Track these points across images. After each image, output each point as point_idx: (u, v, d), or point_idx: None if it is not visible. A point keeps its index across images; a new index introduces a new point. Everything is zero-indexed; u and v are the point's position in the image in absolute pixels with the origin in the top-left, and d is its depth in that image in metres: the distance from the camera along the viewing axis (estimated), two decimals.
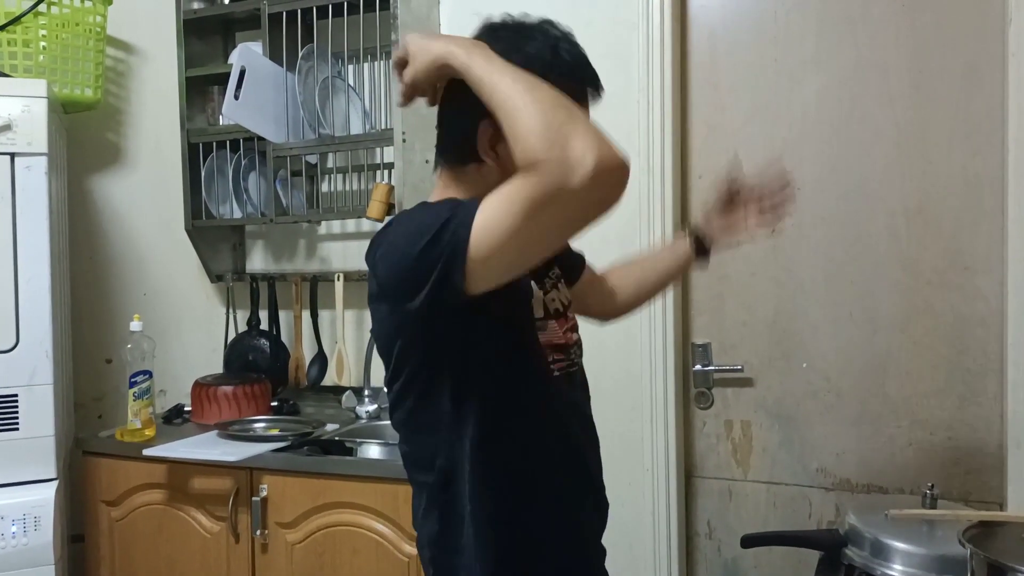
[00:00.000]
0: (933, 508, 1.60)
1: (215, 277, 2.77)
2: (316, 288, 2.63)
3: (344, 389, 2.58)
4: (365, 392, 2.51)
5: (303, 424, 2.36)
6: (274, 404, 2.57)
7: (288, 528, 2.08)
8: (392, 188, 2.34)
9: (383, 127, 2.48)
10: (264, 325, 2.72)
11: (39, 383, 2.13)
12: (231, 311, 2.75)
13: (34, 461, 2.13)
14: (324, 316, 2.65)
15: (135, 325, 2.28)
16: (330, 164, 2.63)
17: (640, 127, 2.21)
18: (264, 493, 2.09)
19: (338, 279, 2.55)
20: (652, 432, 2.22)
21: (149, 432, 2.28)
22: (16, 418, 2.11)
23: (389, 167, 2.46)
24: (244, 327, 2.74)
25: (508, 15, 1.18)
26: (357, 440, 2.32)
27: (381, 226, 1.22)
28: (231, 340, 2.74)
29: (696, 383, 2.28)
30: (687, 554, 2.30)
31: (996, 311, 1.99)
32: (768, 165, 1.51)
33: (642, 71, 2.21)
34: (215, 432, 2.29)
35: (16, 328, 2.11)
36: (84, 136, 2.83)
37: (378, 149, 2.51)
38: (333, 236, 2.71)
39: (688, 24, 2.27)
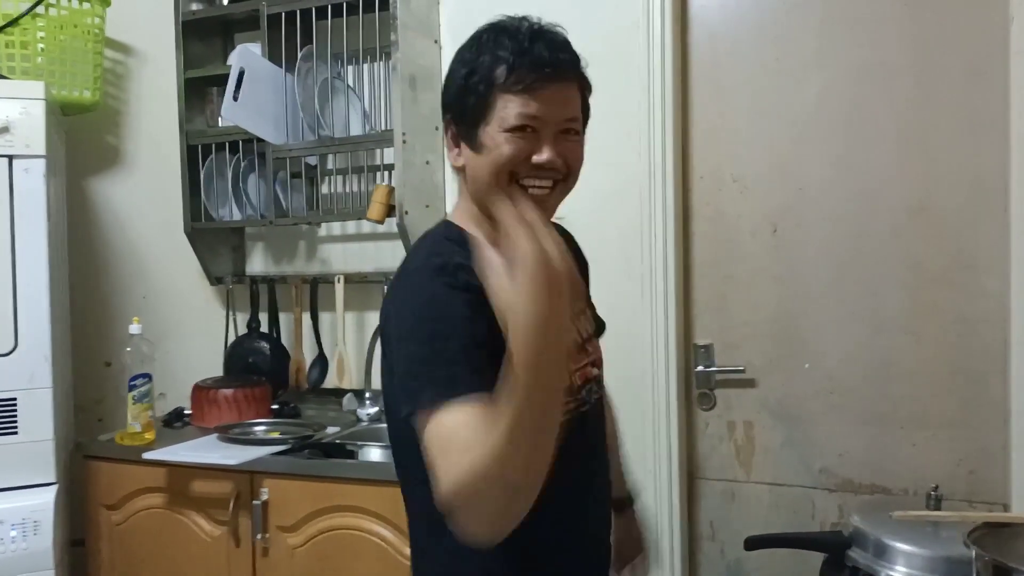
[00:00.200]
0: (937, 509, 1.59)
1: (215, 279, 2.76)
2: (316, 290, 2.62)
3: (345, 392, 2.57)
4: (366, 395, 2.50)
5: (304, 427, 2.36)
6: (275, 407, 2.56)
7: (289, 532, 2.08)
8: (392, 189, 2.33)
9: (383, 128, 2.47)
10: (264, 328, 2.71)
11: (38, 386, 2.12)
12: (231, 313, 2.74)
13: (33, 465, 2.12)
14: (324, 318, 2.64)
15: (134, 328, 2.27)
16: (330, 165, 2.62)
17: (641, 128, 2.21)
18: (265, 497, 2.08)
19: (338, 281, 2.54)
20: (654, 433, 2.22)
21: (149, 435, 2.27)
22: (15, 422, 2.10)
23: (389, 168, 2.45)
24: (244, 330, 2.73)
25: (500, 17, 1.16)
26: (358, 443, 2.32)
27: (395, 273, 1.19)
28: (231, 343, 2.73)
29: (698, 384, 2.27)
30: (690, 555, 2.29)
31: (1000, 310, 1.99)
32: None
33: (643, 72, 2.21)
34: (215, 435, 2.28)
35: (15, 331, 2.10)
36: (83, 138, 2.82)
37: (378, 150, 2.50)
38: (333, 238, 2.71)
39: (689, 25, 2.26)
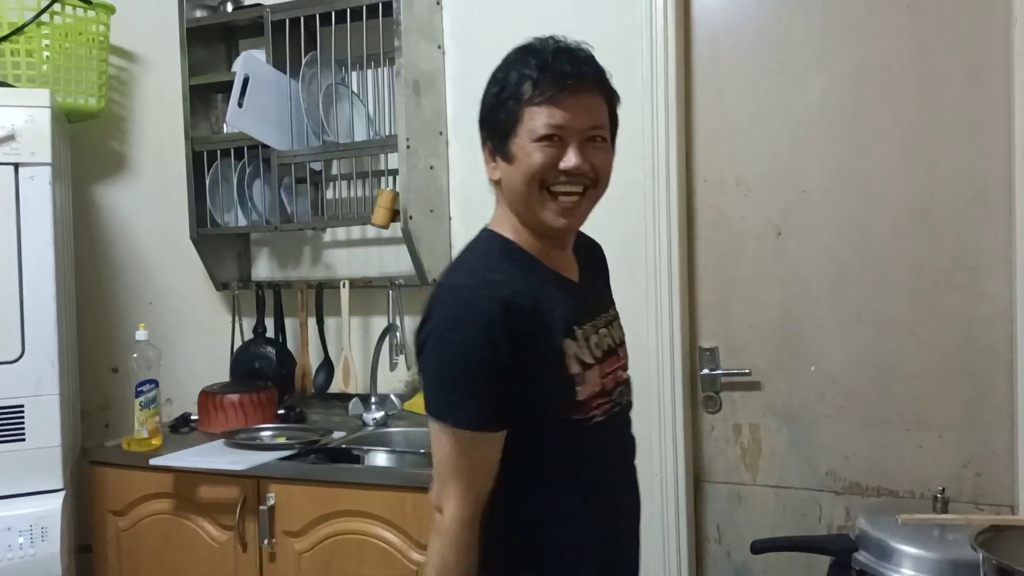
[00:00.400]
0: (944, 511, 1.59)
1: (220, 285, 2.77)
2: (322, 295, 2.63)
3: (351, 396, 2.57)
4: (372, 399, 2.50)
5: (310, 432, 2.36)
6: (281, 412, 2.56)
7: (295, 537, 2.08)
8: (397, 194, 2.34)
9: (387, 133, 2.48)
10: (270, 333, 2.72)
11: (45, 393, 2.13)
12: (237, 319, 2.75)
13: (41, 472, 2.13)
14: (330, 323, 2.65)
15: (141, 334, 2.28)
16: (334, 171, 2.63)
17: (645, 131, 2.21)
18: (271, 502, 2.08)
19: (343, 286, 2.55)
20: (660, 436, 2.22)
21: (156, 441, 2.28)
22: (22, 429, 2.10)
23: (393, 173, 2.46)
24: (250, 335, 2.74)
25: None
26: (364, 448, 2.32)
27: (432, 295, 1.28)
28: (237, 348, 2.74)
29: (704, 387, 2.27)
30: (697, 559, 2.29)
31: (1003, 311, 1.98)
32: None
33: (646, 75, 2.21)
34: (222, 441, 2.29)
35: (21, 338, 2.11)
36: (88, 145, 2.83)
37: (382, 155, 2.50)
38: (338, 243, 2.71)
39: (691, 27, 2.27)
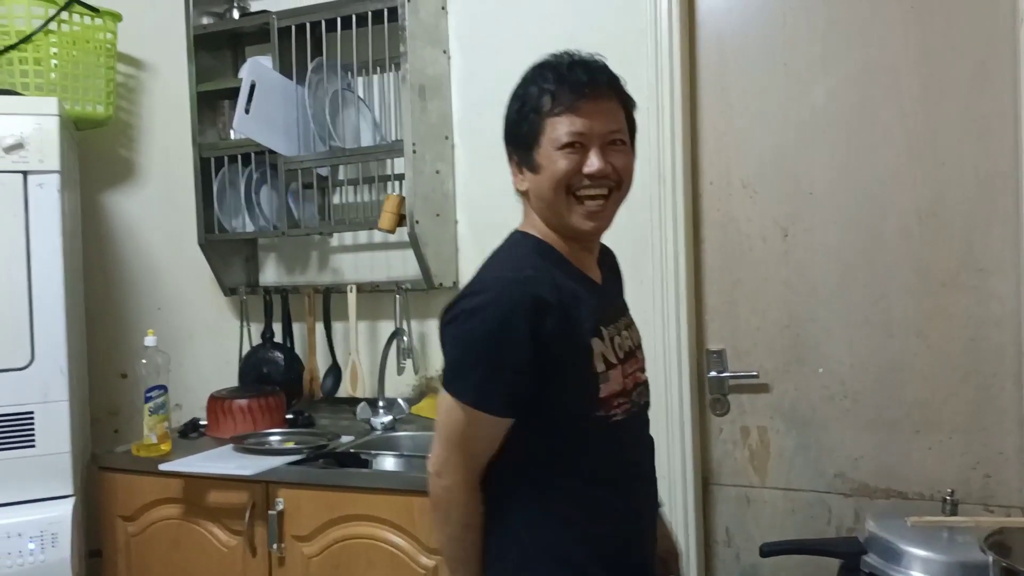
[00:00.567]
0: (953, 514, 1.59)
1: (228, 290, 2.78)
2: (329, 300, 2.63)
3: (359, 400, 2.57)
4: (380, 403, 2.51)
5: (318, 436, 2.36)
6: (289, 416, 2.57)
7: (304, 541, 2.08)
8: (403, 199, 2.34)
9: (393, 138, 2.48)
10: (278, 337, 2.72)
11: (54, 399, 2.14)
12: (245, 324, 2.75)
13: (51, 478, 2.14)
14: (337, 328, 2.65)
15: (149, 340, 2.28)
16: (341, 176, 2.64)
17: (650, 133, 2.20)
18: (280, 507, 2.09)
19: (351, 291, 2.55)
20: (668, 439, 2.21)
21: (165, 447, 2.29)
22: (32, 435, 2.12)
23: (400, 178, 2.46)
24: (258, 340, 2.74)
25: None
26: (372, 452, 2.32)
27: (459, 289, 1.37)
28: (245, 353, 2.74)
29: (711, 390, 2.27)
30: (706, 561, 2.29)
31: (1011, 313, 1.98)
32: None
33: (651, 77, 2.21)
34: (231, 446, 2.29)
35: (31, 345, 2.12)
36: (96, 152, 2.85)
37: (388, 160, 2.51)
38: (345, 248, 2.72)
39: (696, 29, 2.27)
